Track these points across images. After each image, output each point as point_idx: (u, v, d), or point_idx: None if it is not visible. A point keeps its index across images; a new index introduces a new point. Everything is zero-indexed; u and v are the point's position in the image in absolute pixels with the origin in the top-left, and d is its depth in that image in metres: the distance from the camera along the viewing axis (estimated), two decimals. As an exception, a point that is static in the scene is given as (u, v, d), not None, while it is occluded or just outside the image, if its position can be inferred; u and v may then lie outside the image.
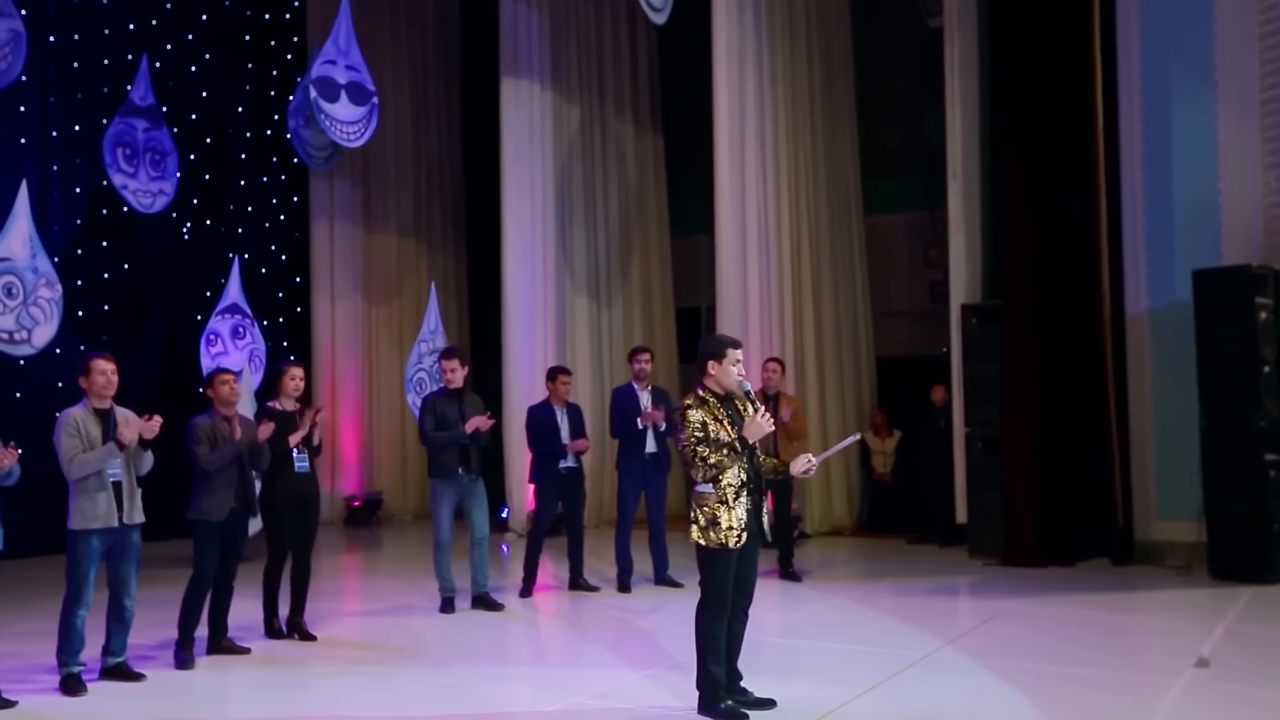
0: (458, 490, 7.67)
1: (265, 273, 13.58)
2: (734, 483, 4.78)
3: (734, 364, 4.91)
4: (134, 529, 5.86)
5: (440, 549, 7.66)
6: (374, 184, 14.48)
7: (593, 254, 13.35)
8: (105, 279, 11.84)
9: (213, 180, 13.02)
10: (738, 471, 4.79)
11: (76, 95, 11.49)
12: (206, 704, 5.72)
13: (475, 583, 7.84)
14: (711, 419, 4.82)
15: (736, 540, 4.77)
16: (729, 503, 4.78)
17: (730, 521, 4.77)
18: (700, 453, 4.77)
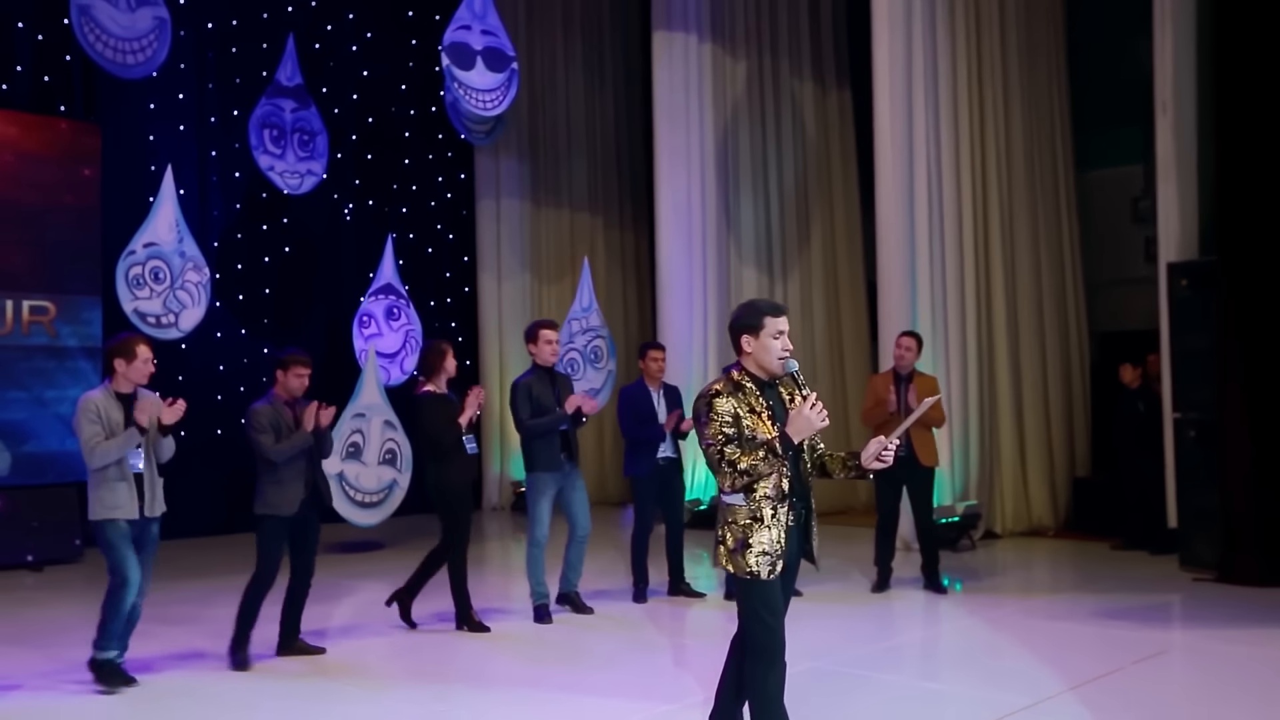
0: (558, 482, 6.93)
1: (431, 252, 13.35)
2: (772, 493, 3.67)
3: (775, 336, 3.75)
4: (154, 521, 5.52)
5: (536, 548, 6.93)
6: (543, 157, 13.97)
7: (762, 223, 12.28)
8: (265, 262, 11.88)
9: (375, 160, 12.87)
10: (777, 479, 3.68)
11: (235, 80, 11.54)
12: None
13: (565, 579, 7.13)
14: (746, 410, 3.71)
15: (771, 569, 3.67)
16: (764, 519, 3.67)
17: (765, 544, 3.66)
18: (728, 454, 3.64)
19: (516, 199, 13.71)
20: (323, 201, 12.14)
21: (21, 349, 9.52)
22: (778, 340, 3.78)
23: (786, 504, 3.71)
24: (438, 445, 6.59)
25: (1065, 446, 10.86)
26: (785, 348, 3.77)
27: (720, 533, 3.77)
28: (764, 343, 3.77)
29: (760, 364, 3.79)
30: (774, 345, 3.77)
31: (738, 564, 3.71)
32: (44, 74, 10.35)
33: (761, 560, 3.67)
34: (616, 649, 6.23)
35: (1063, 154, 11.12)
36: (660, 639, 6.49)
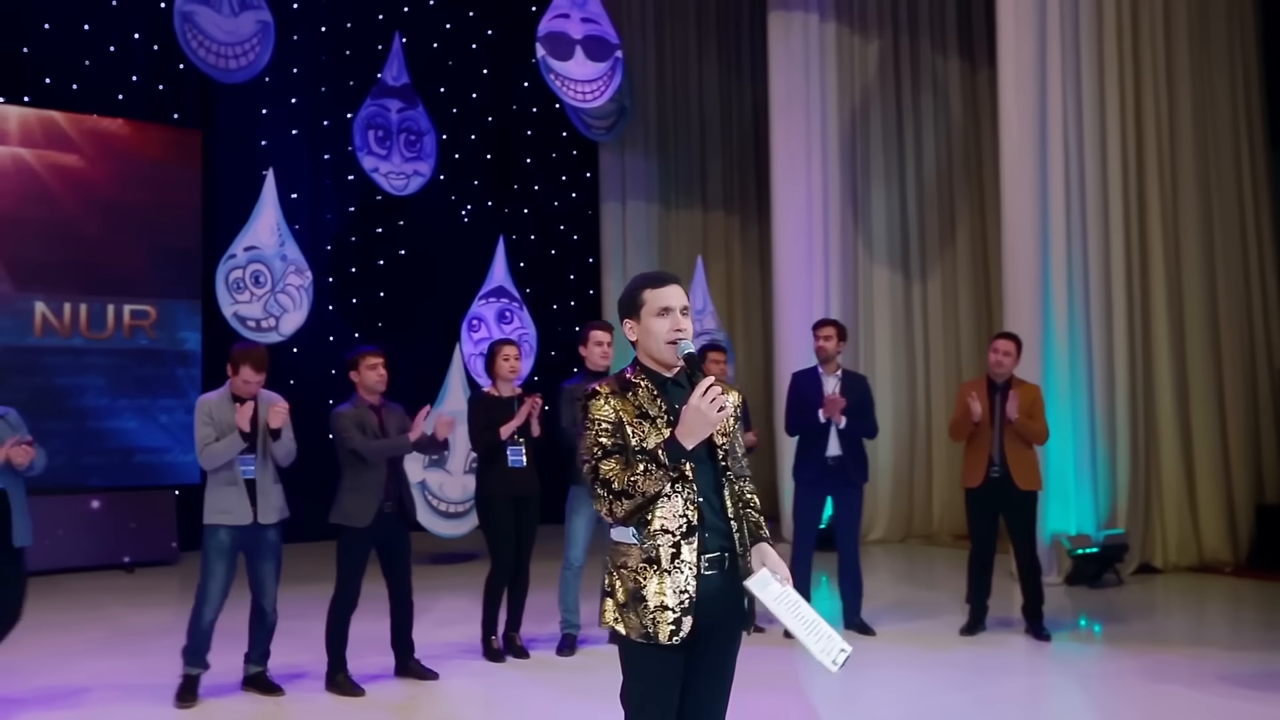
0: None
1: (554, 254, 12.94)
2: (672, 526, 2.78)
3: (659, 314, 2.86)
4: (270, 528, 5.32)
5: (569, 571, 6.30)
6: (674, 153, 13.32)
7: (897, 218, 11.22)
8: (379, 266, 11.76)
9: (494, 160, 12.58)
10: (681, 507, 2.80)
11: (348, 83, 11.46)
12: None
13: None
14: (634, 415, 2.84)
15: (672, 630, 2.75)
16: (661, 562, 2.79)
17: (663, 596, 2.77)
18: (603, 471, 2.78)
19: (643, 198, 13.11)
20: (439, 203, 11.93)
21: (122, 353, 9.66)
22: (663, 319, 2.86)
23: (695, 541, 2.80)
24: (477, 452, 6.14)
25: (1248, 468, 9.32)
26: (676, 328, 2.85)
27: (607, 581, 2.91)
28: (647, 325, 2.88)
29: (651, 354, 2.90)
30: (659, 326, 2.86)
31: (630, 623, 2.79)
32: (158, 83, 10.54)
33: (660, 618, 2.75)
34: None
35: (1249, 129, 9.57)
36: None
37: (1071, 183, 8.41)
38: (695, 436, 2.75)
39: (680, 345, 2.85)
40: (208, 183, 10.54)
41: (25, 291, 9.34)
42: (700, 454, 2.87)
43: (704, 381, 2.75)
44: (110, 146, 9.85)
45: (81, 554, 9.08)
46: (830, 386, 6.65)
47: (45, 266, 9.41)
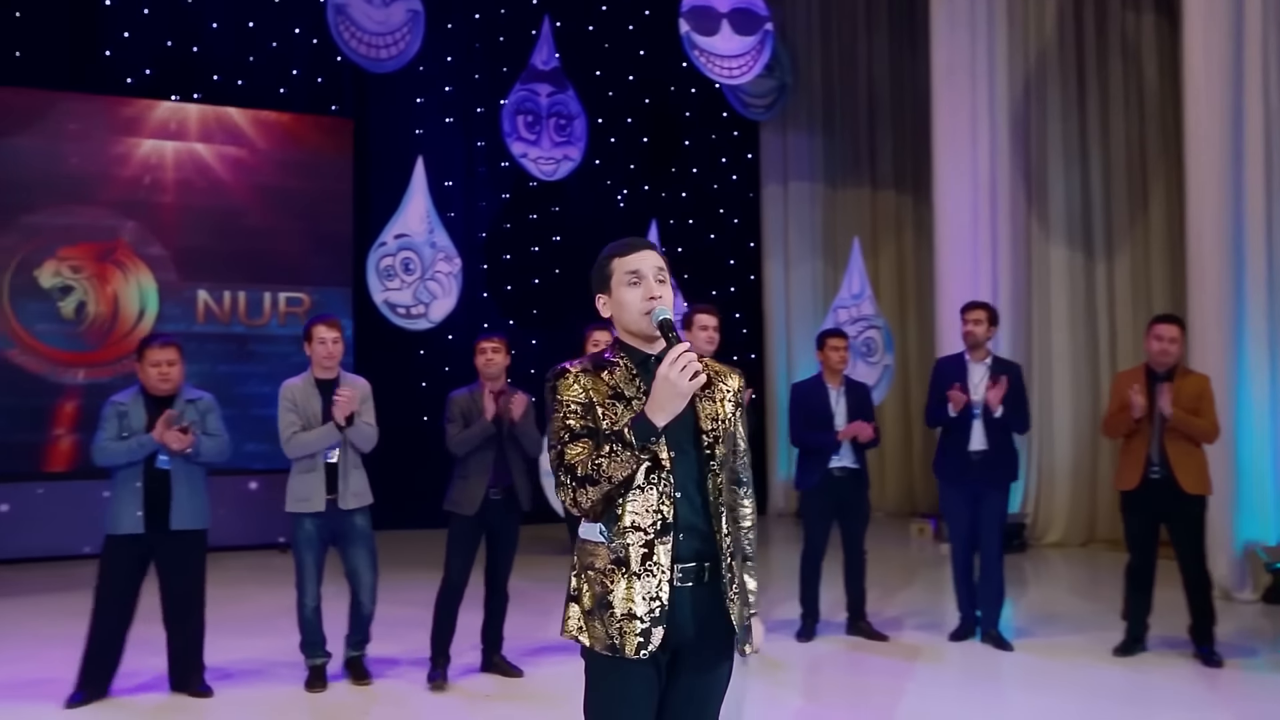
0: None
1: (713, 239, 12.57)
2: (644, 522, 2.43)
3: (630, 283, 2.51)
4: (356, 514, 5.23)
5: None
6: (840, 129, 12.71)
7: (1078, 191, 10.25)
8: (534, 252, 11.70)
9: (652, 143, 12.31)
10: (655, 499, 2.44)
11: (501, 69, 11.43)
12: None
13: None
14: (608, 396, 2.49)
15: (640, 642, 2.40)
16: (630, 564, 2.44)
17: (631, 603, 2.42)
18: (568, 456, 2.43)
19: (806, 178, 12.57)
20: (593, 188, 11.78)
21: (278, 339, 9.94)
22: (635, 287, 2.51)
23: (670, 541, 2.43)
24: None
25: None
26: (650, 295, 2.49)
27: (573, 584, 2.54)
28: (619, 297, 2.53)
29: (628, 329, 2.55)
30: (631, 296, 2.51)
31: (595, 632, 2.45)
32: (317, 76, 10.79)
33: (627, 628, 2.40)
34: (762, 700, 5.08)
35: None
36: (821, 687, 5.25)
37: (1273, 144, 7.40)
38: (665, 411, 2.36)
39: (655, 312, 2.47)
40: (362, 172, 10.73)
41: (190, 280, 9.74)
42: (683, 440, 2.51)
43: (676, 348, 2.35)
44: (270, 138, 10.15)
45: (240, 533, 9.38)
46: (979, 375, 6.07)
47: (208, 256, 9.78)
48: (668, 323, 2.45)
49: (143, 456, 4.97)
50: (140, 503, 4.96)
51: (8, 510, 8.95)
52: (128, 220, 9.53)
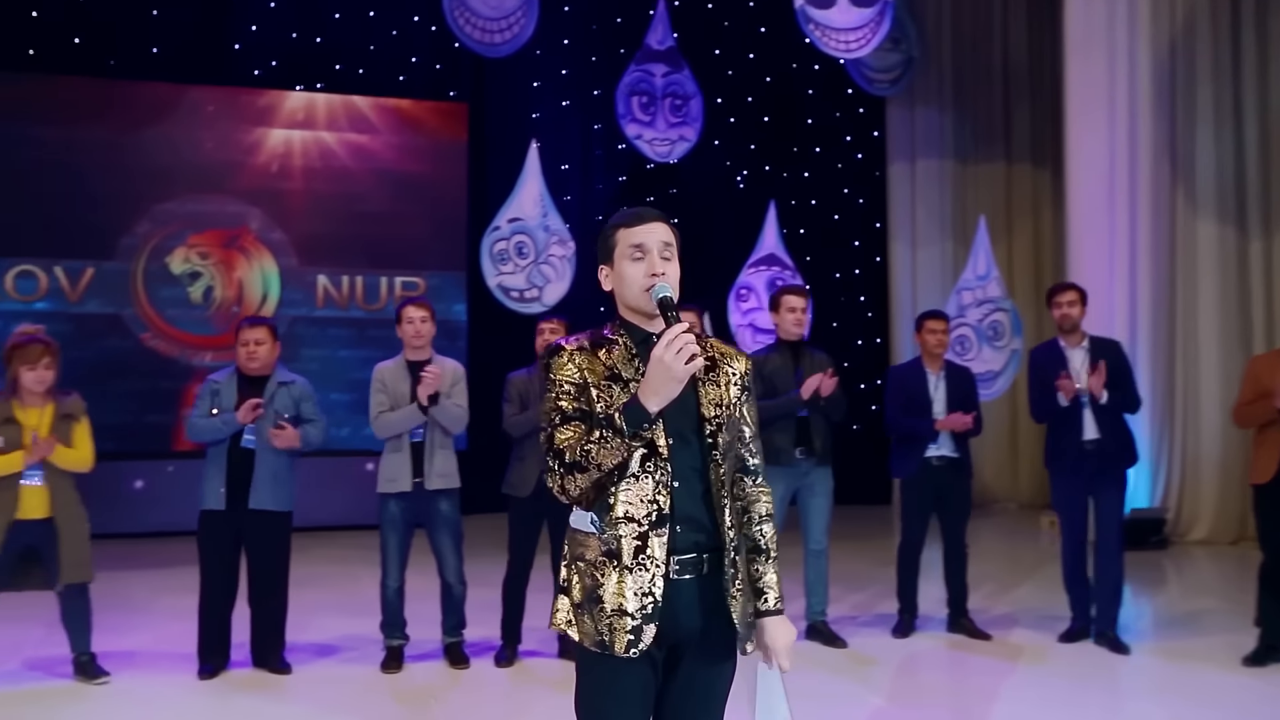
0: (791, 480, 5.70)
1: (837, 219, 12.19)
2: (637, 513, 2.26)
3: (633, 257, 2.34)
4: (441, 496, 5.23)
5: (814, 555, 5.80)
6: (972, 103, 12.13)
7: (1230, 162, 9.49)
8: (651, 235, 11.55)
9: (772, 122, 12.01)
10: (650, 489, 2.27)
11: (619, 50, 11.32)
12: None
13: (808, 605, 5.82)
14: (603, 377, 2.31)
15: (630, 640, 2.25)
16: (622, 556, 2.27)
17: (623, 598, 2.26)
18: (558, 440, 2.28)
19: (935, 155, 12.04)
20: (712, 169, 11.57)
21: (393, 323, 10.06)
22: (638, 261, 2.34)
23: (666, 533, 2.27)
24: None
25: None
26: (653, 271, 2.32)
27: (563, 575, 2.40)
28: (621, 270, 2.36)
29: (629, 305, 2.38)
30: (633, 270, 2.34)
31: (584, 627, 2.31)
32: (436, 62, 10.90)
33: (618, 624, 2.25)
34: (844, 699, 4.85)
35: None
36: (911, 687, 4.97)
37: None
38: (659, 396, 2.19)
39: (655, 289, 2.30)
40: (477, 156, 10.79)
41: (310, 265, 9.99)
42: (683, 427, 2.33)
43: (673, 328, 2.18)
44: (389, 125, 10.33)
45: (357, 513, 9.55)
46: (1078, 360, 5.67)
47: (328, 241, 10.02)
48: (668, 301, 2.28)
49: (228, 435, 5.06)
50: (224, 479, 5.04)
51: (142, 487, 9.35)
52: (253, 207, 9.84)
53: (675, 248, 2.40)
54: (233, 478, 5.05)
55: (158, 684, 4.99)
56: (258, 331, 5.17)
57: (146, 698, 4.80)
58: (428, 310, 5.38)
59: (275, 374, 5.22)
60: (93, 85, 9.62)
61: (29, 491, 4.82)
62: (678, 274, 2.37)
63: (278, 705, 4.71)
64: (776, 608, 2.41)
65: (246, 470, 5.05)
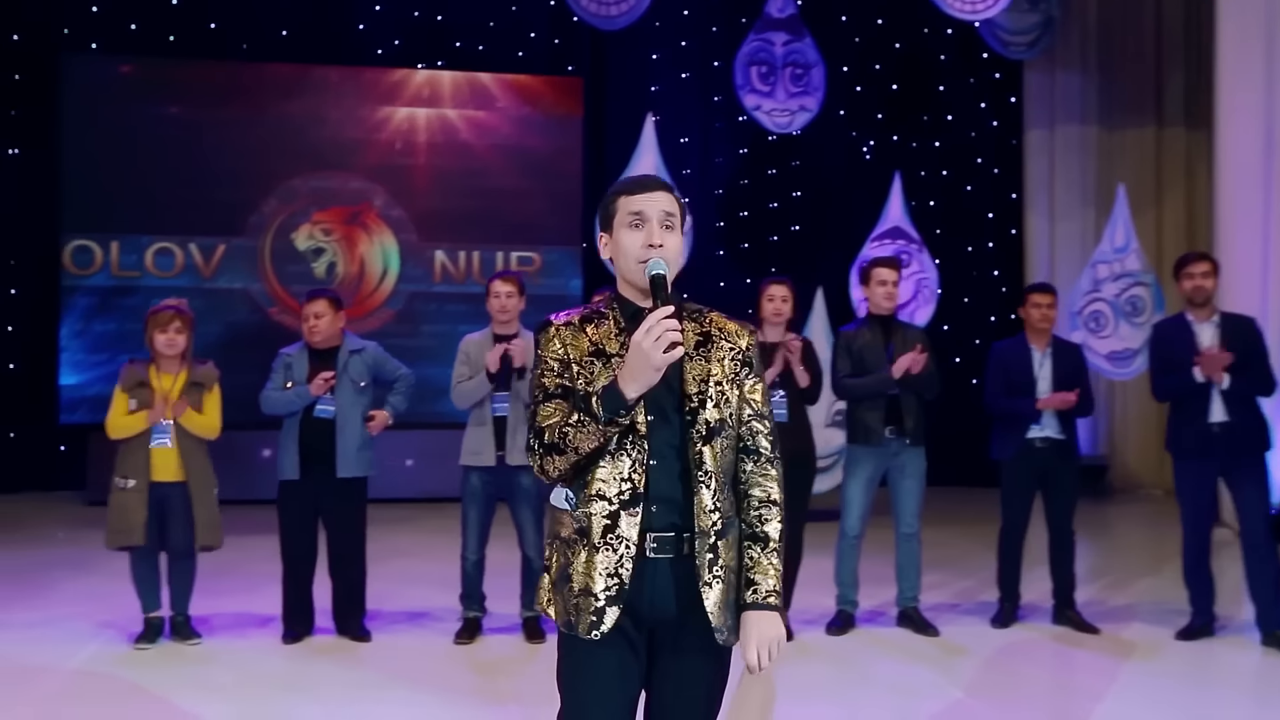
0: (879, 460, 5.47)
1: (969, 190, 11.68)
2: (610, 492, 2.17)
3: (632, 225, 2.22)
4: (523, 470, 5.21)
5: (844, 541, 5.54)
6: (1119, 66, 11.41)
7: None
8: (772, 209, 11.33)
9: (902, 90, 11.57)
10: (626, 467, 2.17)
11: (740, 20, 11.08)
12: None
13: (901, 594, 5.57)
14: (587, 353, 2.23)
15: (592, 622, 2.16)
16: (592, 536, 2.18)
17: (589, 578, 2.17)
18: (539, 417, 2.22)
19: (1077, 120, 11.39)
20: (837, 140, 11.24)
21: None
22: (636, 231, 2.22)
23: (639, 513, 2.16)
24: None
25: None
26: (651, 241, 2.20)
27: (546, 552, 2.36)
28: (619, 239, 2.25)
29: (625, 276, 2.27)
30: (630, 241, 2.22)
31: (558, 606, 2.26)
32: (554, 37, 10.89)
33: (582, 604, 2.17)
34: (921, 689, 4.62)
35: None
36: (998, 680, 4.69)
37: None
38: (637, 383, 2.09)
39: (650, 264, 2.18)
40: (596, 131, 10.76)
41: (429, 241, 10.16)
42: (665, 403, 2.22)
43: (655, 313, 2.06)
44: (507, 101, 10.41)
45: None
46: (1207, 336, 5.25)
47: (446, 217, 10.17)
48: (660, 279, 2.16)
49: (300, 407, 5.15)
50: (298, 450, 5.14)
51: (269, 455, 9.70)
52: (375, 184, 10.05)
53: (679, 219, 2.28)
54: (306, 448, 5.14)
55: (244, 647, 5.13)
56: (317, 304, 5.23)
57: (232, 660, 4.93)
58: (515, 284, 5.34)
59: (345, 343, 5.28)
60: (226, 68, 9.99)
61: (159, 454, 5.02)
62: (678, 246, 2.26)
63: (354, 671, 4.78)
64: (765, 601, 2.23)
65: (320, 440, 5.13)
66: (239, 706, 4.32)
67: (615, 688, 2.21)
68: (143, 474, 5.01)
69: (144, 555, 5.11)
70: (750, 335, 2.32)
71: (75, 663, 4.85)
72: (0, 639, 5.21)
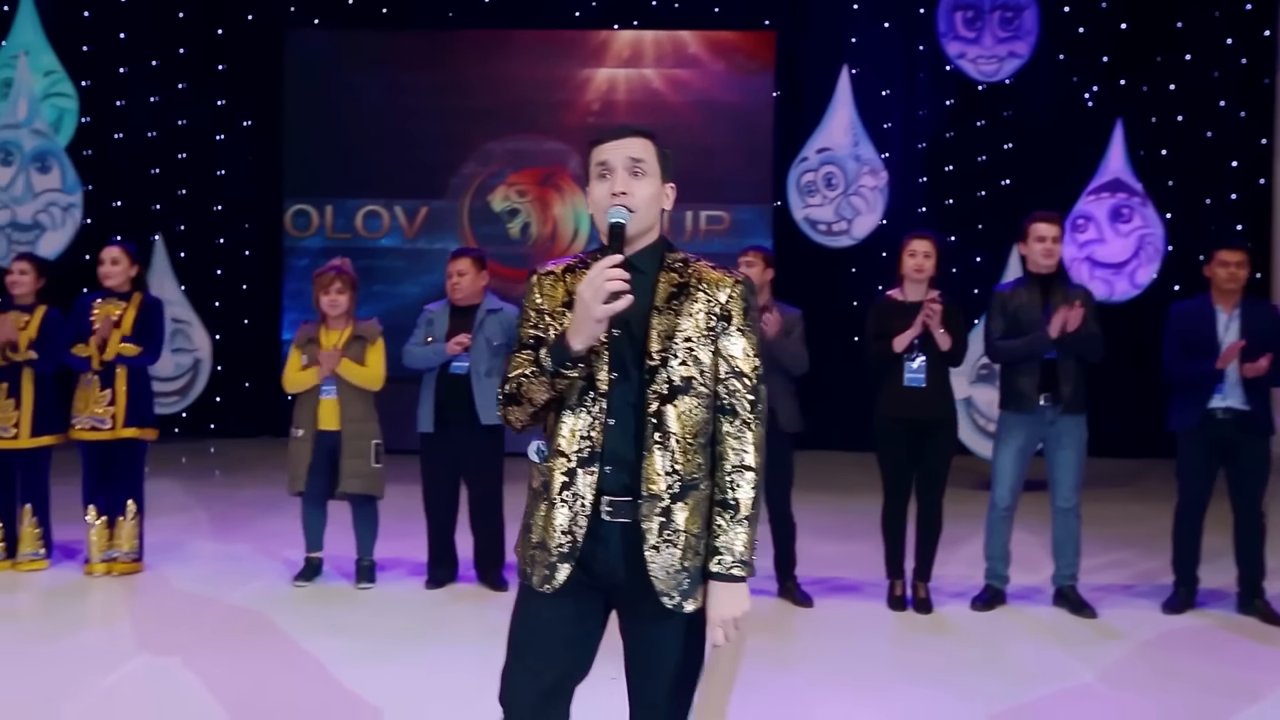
0: (1033, 429, 5.10)
1: (1210, 136, 10.58)
2: (569, 448, 2.14)
3: (600, 176, 2.19)
4: None
5: (994, 512, 5.20)
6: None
7: None
8: (979, 162, 10.69)
9: (1132, 29, 10.58)
10: (585, 424, 2.12)
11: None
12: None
13: (1057, 571, 5.19)
14: (559, 301, 2.20)
15: (544, 575, 2.15)
16: (550, 492, 2.16)
17: (546, 533, 2.15)
18: (509, 368, 2.22)
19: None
20: (1054, 87, 10.44)
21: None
22: (604, 181, 2.17)
23: (596, 471, 2.11)
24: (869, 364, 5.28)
25: None
26: (616, 190, 2.14)
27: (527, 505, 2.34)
28: (590, 192, 2.22)
29: (600, 229, 2.22)
30: (598, 192, 2.18)
31: (519, 556, 2.26)
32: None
33: (537, 557, 2.16)
34: (1051, 672, 4.29)
35: None
36: (1141, 669, 4.29)
37: None
38: (580, 335, 2.06)
39: (611, 212, 2.12)
40: (793, 87, 10.48)
41: (619, 201, 10.23)
42: (628, 360, 2.15)
43: (600, 261, 2.04)
44: (696, 58, 10.30)
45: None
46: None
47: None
48: (617, 228, 2.11)
49: (438, 364, 5.31)
50: (433, 404, 5.31)
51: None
52: (566, 145, 10.20)
53: (652, 163, 2.21)
54: (442, 402, 5.30)
55: (389, 590, 5.38)
56: (460, 263, 5.38)
57: (375, 602, 5.19)
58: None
59: (484, 302, 5.40)
60: (431, 37, 10.37)
61: (325, 404, 5.35)
62: (649, 193, 2.18)
63: (484, 617, 4.86)
64: (729, 572, 2.12)
65: (456, 395, 5.26)
66: (371, 645, 4.52)
67: (556, 638, 2.18)
68: (310, 424, 5.34)
69: (310, 499, 5.45)
70: (735, 286, 2.19)
71: (237, 596, 5.24)
72: (187, 569, 5.71)
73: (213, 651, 4.38)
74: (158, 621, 4.80)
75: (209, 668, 4.16)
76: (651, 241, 2.20)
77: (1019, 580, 5.33)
